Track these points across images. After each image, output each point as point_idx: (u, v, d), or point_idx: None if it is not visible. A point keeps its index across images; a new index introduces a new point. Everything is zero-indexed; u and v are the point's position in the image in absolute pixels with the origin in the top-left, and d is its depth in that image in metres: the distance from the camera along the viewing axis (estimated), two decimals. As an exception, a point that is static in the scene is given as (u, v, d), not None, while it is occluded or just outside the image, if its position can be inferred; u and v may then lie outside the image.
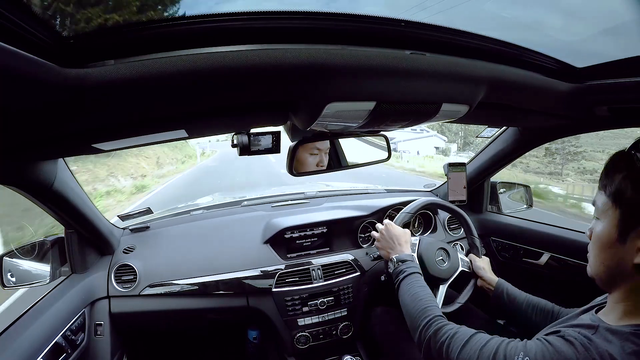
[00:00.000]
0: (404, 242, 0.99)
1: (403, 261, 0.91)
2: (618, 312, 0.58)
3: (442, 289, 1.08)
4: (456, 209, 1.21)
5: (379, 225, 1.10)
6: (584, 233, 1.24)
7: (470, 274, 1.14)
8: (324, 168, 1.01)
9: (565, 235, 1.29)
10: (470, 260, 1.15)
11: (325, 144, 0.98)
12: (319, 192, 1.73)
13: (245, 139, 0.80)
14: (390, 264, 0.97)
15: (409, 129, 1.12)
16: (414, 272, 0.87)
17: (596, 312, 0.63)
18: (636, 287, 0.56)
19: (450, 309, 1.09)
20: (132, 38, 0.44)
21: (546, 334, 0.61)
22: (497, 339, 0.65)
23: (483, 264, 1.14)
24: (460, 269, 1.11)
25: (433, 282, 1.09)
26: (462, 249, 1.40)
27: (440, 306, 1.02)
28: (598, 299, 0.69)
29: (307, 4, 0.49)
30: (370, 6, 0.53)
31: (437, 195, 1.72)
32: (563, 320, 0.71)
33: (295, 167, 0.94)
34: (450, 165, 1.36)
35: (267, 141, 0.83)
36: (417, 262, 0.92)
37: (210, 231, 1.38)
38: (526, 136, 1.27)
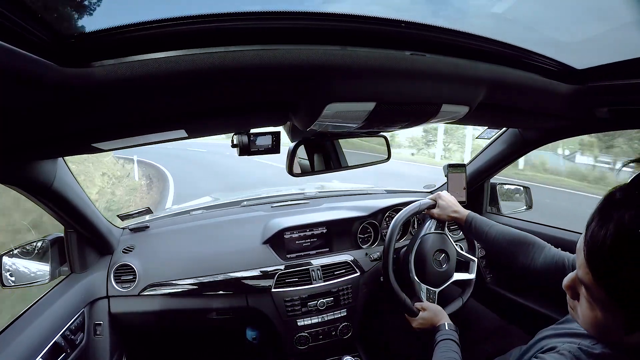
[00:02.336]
0: (439, 316, 1.03)
1: (437, 332, 0.99)
2: None
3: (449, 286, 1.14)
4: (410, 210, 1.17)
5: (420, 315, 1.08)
6: (582, 234, 1.24)
7: (468, 261, 1.21)
8: (324, 168, 1.01)
9: (564, 236, 1.28)
10: (434, 216, 1.16)
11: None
12: (319, 192, 1.73)
13: (245, 139, 0.81)
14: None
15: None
16: (444, 339, 0.94)
17: None
18: None
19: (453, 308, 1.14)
20: (132, 38, 0.44)
21: (543, 351, 0.61)
22: None
23: (443, 210, 1.13)
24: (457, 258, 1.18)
25: (438, 284, 1.13)
26: (462, 249, 1.40)
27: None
28: None
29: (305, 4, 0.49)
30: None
31: None
32: (563, 320, 0.70)
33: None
34: (450, 166, 1.35)
35: (266, 141, 0.83)
36: (451, 327, 0.98)
37: (210, 231, 1.38)
38: (526, 137, 1.27)
